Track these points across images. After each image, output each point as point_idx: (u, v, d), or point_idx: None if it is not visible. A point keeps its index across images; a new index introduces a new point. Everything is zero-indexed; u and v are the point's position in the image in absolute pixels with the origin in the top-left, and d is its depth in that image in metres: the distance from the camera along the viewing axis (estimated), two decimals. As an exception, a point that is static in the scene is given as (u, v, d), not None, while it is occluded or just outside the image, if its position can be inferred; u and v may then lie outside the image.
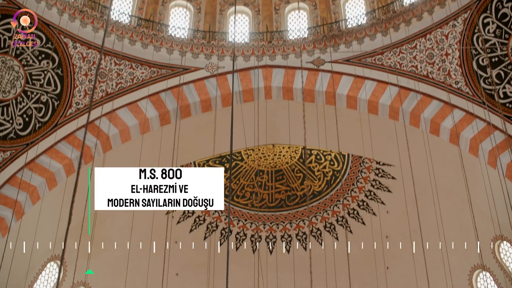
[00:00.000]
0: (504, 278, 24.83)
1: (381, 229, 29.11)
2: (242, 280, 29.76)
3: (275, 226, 31.05)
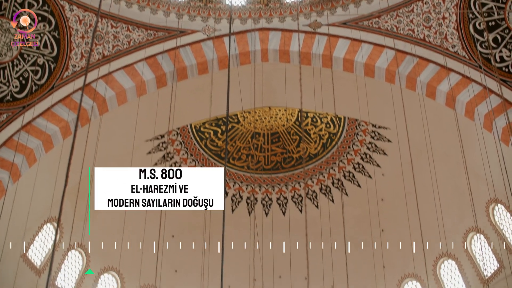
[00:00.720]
0: (498, 240, 25.09)
1: (376, 192, 29.27)
2: (238, 242, 29.99)
3: (270, 188, 31.24)
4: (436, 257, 28.22)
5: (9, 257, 23.01)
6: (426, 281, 28.19)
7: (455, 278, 27.71)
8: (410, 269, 28.88)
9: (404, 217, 27.15)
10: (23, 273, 23.93)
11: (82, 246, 27.57)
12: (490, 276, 25.55)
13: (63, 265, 26.56)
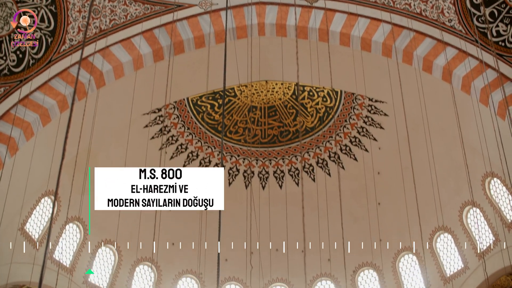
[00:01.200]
0: (494, 214, 25.28)
1: (373, 166, 29.48)
2: (234, 214, 30.18)
3: (267, 161, 31.38)
4: (432, 230, 28.45)
5: (7, 231, 23.22)
6: (422, 254, 28.41)
7: (451, 251, 27.94)
8: (406, 242, 29.10)
9: (401, 191, 27.29)
10: (21, 246, 24.13)
11: (79, 220, 27.73)
12: (486, 249, 25.78)
13: (60, 238, 26.73)
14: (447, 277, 27.64)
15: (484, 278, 24.60)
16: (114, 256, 29.35)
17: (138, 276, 29.93)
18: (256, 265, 27.54)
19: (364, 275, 30.69)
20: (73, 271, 27.17)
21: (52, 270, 24.38)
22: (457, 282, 27.06)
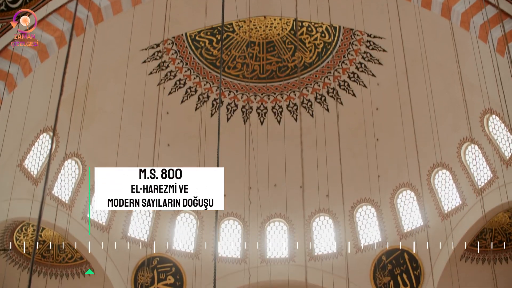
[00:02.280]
0: (492, 151, 25.53)
1: (371, 101, 29.56)
2: (233, 150, 30.47)
3: (266, 97, 31.48)
4: (430, 167, 28.73)
5: (6, 167, 23.48)
6: (420, 191, 28.74)
7: (449, 188, 28.27)
8: (404, 178, 29.41)
9: (399, 127, 27.50)
10: (20, 182, 24.40)
11: (78, 156, 27.96)
12: (484, 186, 26.09)
13: (59, 174, 27.01)
14: (444, 214, 28.01)
15: (481, 214, 24.89)
16: (113, 191, 29.60)
17: (136, 212, 30.40)
18: (254, 201, 27.84)
19: (362, 211, 31.09)
20: (72, 207, 27.54)
21: (51, 206, 24.73)
22: (454, 218, 27.43)
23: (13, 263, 27.33)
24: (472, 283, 27.56)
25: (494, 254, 27.51)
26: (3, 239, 26.64)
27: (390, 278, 29.28)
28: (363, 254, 30.18)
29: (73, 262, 28.80)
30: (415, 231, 28.96)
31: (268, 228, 31.89)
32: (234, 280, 29.69)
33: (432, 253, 26.15)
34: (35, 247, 12.21)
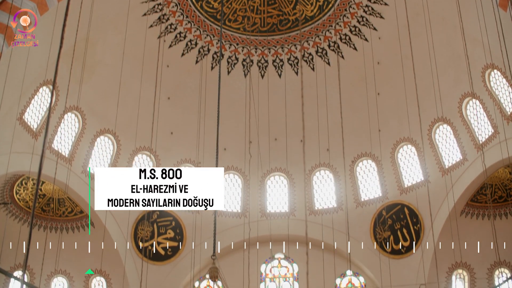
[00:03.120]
0: (493, 106, 25.63)
1: (372, 55, 29.56)
2: (233, 104, 30.56)
3: (266, 50, 31.43)
4: (431, 121, 28.84)
5: (6, 120, 23.61)
6: (421, 145, 28.86)
7: (449, 143, 28.43)
8: (405, 133, 29.53)
9: (400, 81, 27.58)
10: (20, 136, 24.55)
11: (78, 109, 28.03)
12: (485, 141, 26.24)
13: (59, 128, 27.11)
14: (445, 169, 28.19)
15: (482, 170, 25.11)
16: (113, 145, 29.84)
17: (137, 166, 30.50)
18: (254, 155, 27.92)
19: (363, 165, 31.31)
20: (72, 160, 27.71)
21: (51, 160, 24.90)
22: (455, 173, 27.62)
23: (13, 217, 27.58)
24: (472, 238, 27.85)
25: (494, 210, 27.77)
26: (3, 192, 26.86)
27: (390, 233, 29.56)
28: (363, 208, 30.43)
29: (73, 216, 29.06)
30: (415, 186, 29.16)
31: (268, 182, 32.11)
32: (234, 234, 29.98)
33: (432, 208, 26.38)
34: (35, 201, 12.36)
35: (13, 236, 26.13)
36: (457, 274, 28.70)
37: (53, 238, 27.22)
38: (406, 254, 28.98)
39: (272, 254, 30.10)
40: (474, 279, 28.39)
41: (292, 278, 31.00)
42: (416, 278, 28.05)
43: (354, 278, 30.47)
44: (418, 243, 28.69)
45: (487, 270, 28.25)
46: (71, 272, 29.38)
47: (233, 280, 23.24)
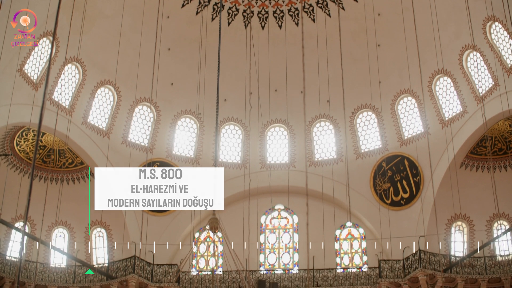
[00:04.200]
0: (494, 59, 25.79)
1: (373, 6, 29.53)
2: (234, 55, 30.62)
3: (267, 1, 31.41)
4: (431, 73, 29.01)
5: (6, 72, 23.80)
6: (421, 97, 29.01)
7: (450, 95, 28.63)
8: (405, 85, 29.72)
9: (401, 33, 27.67)
10: (20, 87, 24.80)
11: (78, 60, 28.13)
12: (485, 93, 26.43)
13: (59, 79, 27.27)
14: (445, 121, 28.43)
15: (482, 122, 25.31)
16: (113, 96, 30.04)
17: (137, 116, 30.77)
18: (255, 106, 28.06)
19: (363, 117, 31.54)
20: (72, 112, 27.98)
21: (51, 111, 25.17)
22: (455, 125, 27.86)
23: (14, 168, 27.89)
24: (472, 191, 28.24)
25: (493, 162, 28.11)
26: (4, 144, 27.12)
27: (390, 184, 29.89)
28: (363, 160, 30.75)
29: (74, 167, 29.40)
30: (415, 138, 29.43)
31: (268, 134, 32.37)
32: (234, 185, 30.22)
33: (432, 160, 26.67)
34: (35, 152, 12.60)
35: (14, 188, 26.48)
36: (456, 226, 29.13)
37: (54, 189, 27.50)
38: (406, 205, 29.37)
39: (272, 205, 30.42)
40: (473, 231, 28.81)
41: (292, 229, 31.41)
42: (415, 230, 28.42)
43: (353, 230, 30.89)
44: (417, 195, 29.02)
45: (486, 222, 28.70)
46: (72, 223, 29.84)
47: (233, 231, 23.58)
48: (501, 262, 27.43)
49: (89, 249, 29.78)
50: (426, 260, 27.34)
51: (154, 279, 28.57)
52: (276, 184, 30.01)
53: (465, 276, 26.97)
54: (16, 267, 26.98)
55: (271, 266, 30.64)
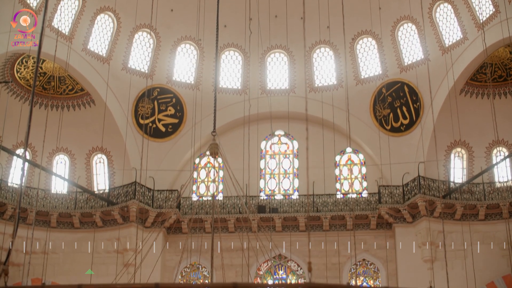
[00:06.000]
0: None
1: None
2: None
3: None
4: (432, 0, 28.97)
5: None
6: (421, 24, 29.10)
7: (450, 21, 28.80)
8: (406, 11, 29.85)
9: None
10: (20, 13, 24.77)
11: (77, -14, 28.29)
12: (485, 20, 26.61)
13: (59, 6, 27.43)
14: (445, 47, 28.70)
15: (482, 49, 25.53)
16: (113, 23, 30.22)
17: (137, 43, 30.98)
18: (255, 32, 28.16)
19: (363, 43, 31.70)
20: (72, 38, 28.23)
21: (51, 38, 25.29)
22: (455, 52, 28.13)
23: (15, 95, 28.23)
24: (471, 117, 28.64)
25: (493, 89, 28.40)
26: (4, 71, 27.40)
27: (390, 110, 30.23)
28: (363, 86, 31.04)
29: (74, 94, 29.73)
30: (415, 64, 29.71)
31: (268, 59, 32.54)
32: (234, 110, 30.68)
33: (432, 86, 27.02)
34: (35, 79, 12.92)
35: (14, 115, 26.81)
36: (455, 152, 29.57)
37: (55, 116, 27.85)
38: (406, 132, 29.79)
39: (272, 131, 30.70)
40: (472, 158, 29.30)
41: (292, 155, 31.85)
42: (415, 156, 28.90)
43: (353, 155, 31.32)
44: (417, 121, 29.41)
45: (485, 148, 29.15)
46: (73, 150, 30.33)
47: (233, 156, 24.10)
48: (500, 189, 28.07)
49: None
50: (426, 186, 27.91)
51: (155, 205, 29.20)
52: (276, 110, 30.16)
53: (464, 202, 27.55)
54: (17, 193, 27.58)
55: (271, 191, 31.13)
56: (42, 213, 28.41)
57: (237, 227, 28.75)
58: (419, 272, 27.13)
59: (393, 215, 28.58)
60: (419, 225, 27.97)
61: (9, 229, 25.83)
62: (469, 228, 25.95)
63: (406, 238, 28.16)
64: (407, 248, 27.96)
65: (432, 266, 27.08)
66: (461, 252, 26.70)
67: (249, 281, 25.26)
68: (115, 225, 28.61)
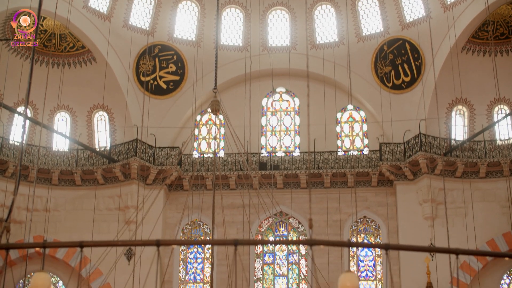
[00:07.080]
0: None
1: None
2: None
3: None
4: None
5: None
6: (423, -20, 28.97)
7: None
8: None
9: None
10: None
11: None
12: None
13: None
14: (447, 5, 28.64)
15: (484, 6, 25.50)
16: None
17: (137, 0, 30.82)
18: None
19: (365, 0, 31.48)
20: (73, -5, 28.13)
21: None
22: (457, 9, 28.08)
23: (15, 53, 28.26)
24: (473, 74, 28.67)
25: (495, 46, 28.37)
26: (4, 29, 27.38)
27: (391, 67, 30.22)
28: (364, 43, 30.97)
29: (75, 51, 29.75)
30: (417, 22, 29.64)
31: (269, 16, 32.42)
32: (235, 68, 30.69)
33: (433, 44, 27.07)
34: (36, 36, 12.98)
35: (15, 72, 26.93)
36: (457, 110, 29.64)
37: (55, 74, 28.02)
38: (407, 89, 29.82)
39: (274, 88, 30.90)
40: (473, 115, 29.38)
41: (293, 112, 31.87)
42: (416, 113, 29.00)
43: (354, 112, 31.34)
44: (419, 79, 29.44)
45: (487, 106, 29.23)
46: (74, 107, 30.41)
47: (234, 114, 24.28)
48: (501, 146, 28.24)
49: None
50: (427, 144, 28.06)
51: (156, 162, 29.36)
52: (277, 67, 30.37)
53: (465, 160, 27.75)
54: (19, 151, 27.75)
55: (273, 148, 31.27)
56: (43, 171, 28.62)
57: (238, 184, 28.89)
58: (420, 229, 27.40)
59: (394, 172, 28.73)
60: (420, 183, 28.14)
61: (10, 187, 26.05)
62: (470, 185, 26.13)
63: (407, 195, 28.36)
64: (408, 205, 28.20)
65: (432, 223, 27.35)
66: (461, 209, 26.97)
67: (250, 238, 25.53)
68: (117, 182, 28.82)
